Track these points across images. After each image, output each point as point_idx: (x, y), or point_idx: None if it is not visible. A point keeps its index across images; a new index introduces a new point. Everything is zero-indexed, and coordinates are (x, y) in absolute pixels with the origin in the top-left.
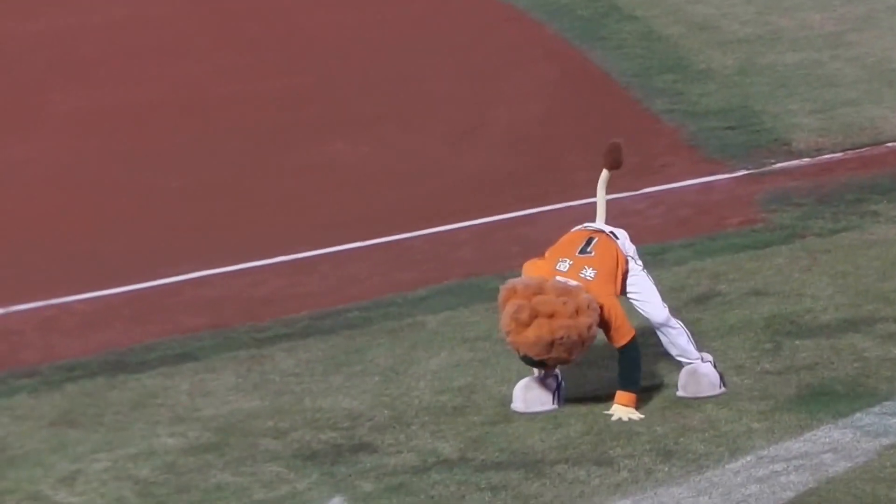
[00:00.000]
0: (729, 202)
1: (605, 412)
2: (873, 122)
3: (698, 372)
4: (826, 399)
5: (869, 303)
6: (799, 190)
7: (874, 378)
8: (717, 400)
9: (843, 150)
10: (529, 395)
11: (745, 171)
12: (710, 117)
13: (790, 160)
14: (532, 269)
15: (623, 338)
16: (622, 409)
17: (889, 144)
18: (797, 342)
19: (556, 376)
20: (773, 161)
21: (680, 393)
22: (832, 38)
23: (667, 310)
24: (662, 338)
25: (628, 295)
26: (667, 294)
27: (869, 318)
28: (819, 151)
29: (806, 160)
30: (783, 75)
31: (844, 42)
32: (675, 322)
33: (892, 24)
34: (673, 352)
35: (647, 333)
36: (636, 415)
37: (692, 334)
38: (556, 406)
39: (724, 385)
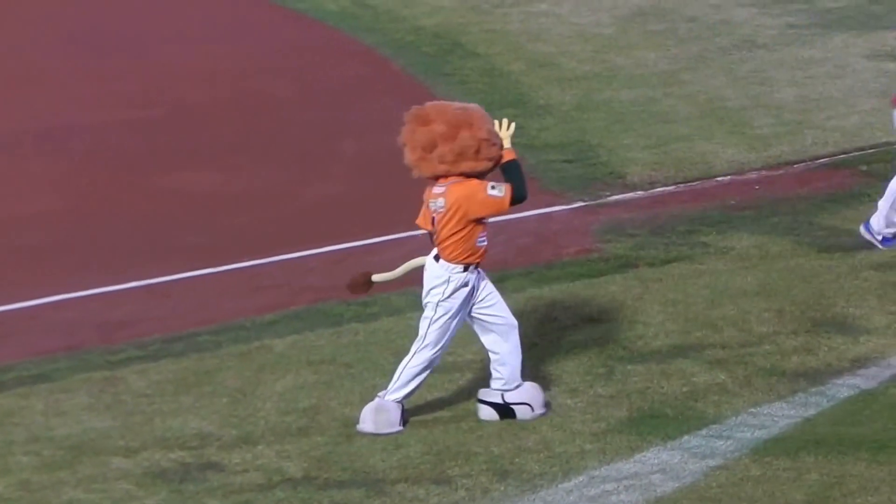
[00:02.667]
0: (566, 232)
1: None
2: (704, 156)
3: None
4: (656, 422)
5: (698, 330)
6: (633, 221)
7: (702, 402)
8: (551, 422)
9: (675, 184)
10: (379, 418)
11: (582, 203)
12: (548, 151)
13: (625, 192)
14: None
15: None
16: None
17: (719, 179)
18: (629, 367)
19: (402, 403)
20: (608, 193)
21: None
22: (666, 77)
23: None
24: (498, 351)
25: (477, 310)
26: None
27: (697, 345)
28: (652, 184)
29: (640, 193)
30: (619, 111)
31: (678, 80)
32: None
33: (723, 63)
34: (501, 373)
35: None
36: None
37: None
38: (402, 428)
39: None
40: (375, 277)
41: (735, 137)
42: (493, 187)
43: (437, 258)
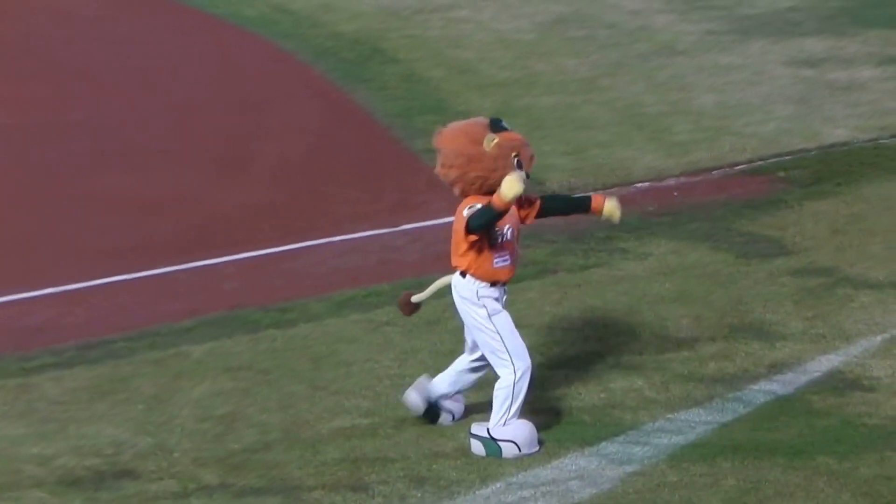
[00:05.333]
0: None
1: None
2: (623, 163)
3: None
4: (573, 428)
5: (616, 336)
6: (552, 227)
7: (619, 408)
8: (469, 428)
9: (593, 190)
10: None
11: None
12: None
13: None
14: None
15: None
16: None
17: (638, 185)
18: (547, 373)
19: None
20: None
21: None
22: (586, 83)
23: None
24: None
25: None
26: (423, 327)
27: (616, 351)
28: (571, 191)
29: None
30: (538, 118)
31: (597, 87)
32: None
33: (642, 70)
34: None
35: None
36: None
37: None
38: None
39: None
40: (414, 299)
41: (654, 144)
42: (469, 208)
43: (462, 273)
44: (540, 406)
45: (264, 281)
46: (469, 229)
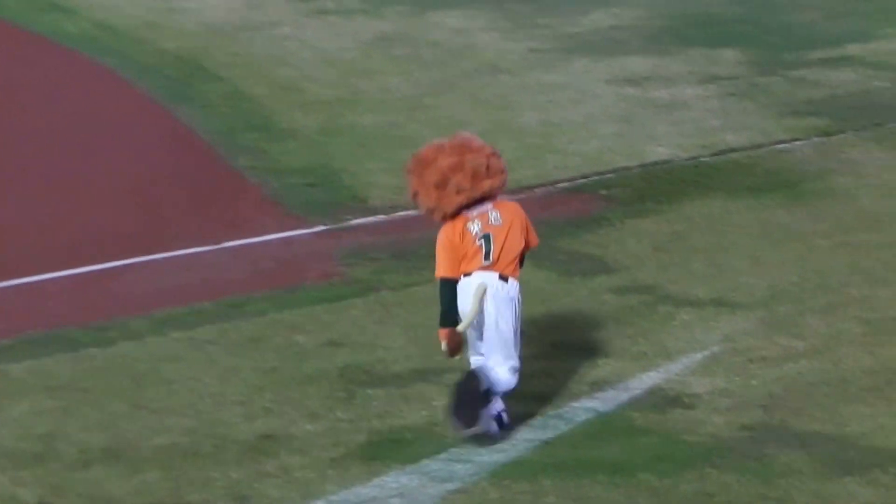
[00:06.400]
0: (309, 256)
1: None
2: None
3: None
4: (395, 446)
5: (438, 353)
6: (375, 245)
7: (442, 426)
8: (291, 447)
9: (416, 208)
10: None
11: (325, 227)
12: (292, 175)
13: (367, 217)
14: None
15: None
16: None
17: None
18: (369, 391)
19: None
20: (350, 217)
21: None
22: (410, 101)
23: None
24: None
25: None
26: (246, 345)
27: (438, 369)
28: (395, 209)
29: (382, 217)
30: (362, 136)
31: (422, 105)
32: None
33: (466, 88)
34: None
35: None
36: (443, 345)
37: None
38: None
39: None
40: (461, 328)
41: None
42: None
43: (505, 278)
44: (362, 423)
45: (86, 299)
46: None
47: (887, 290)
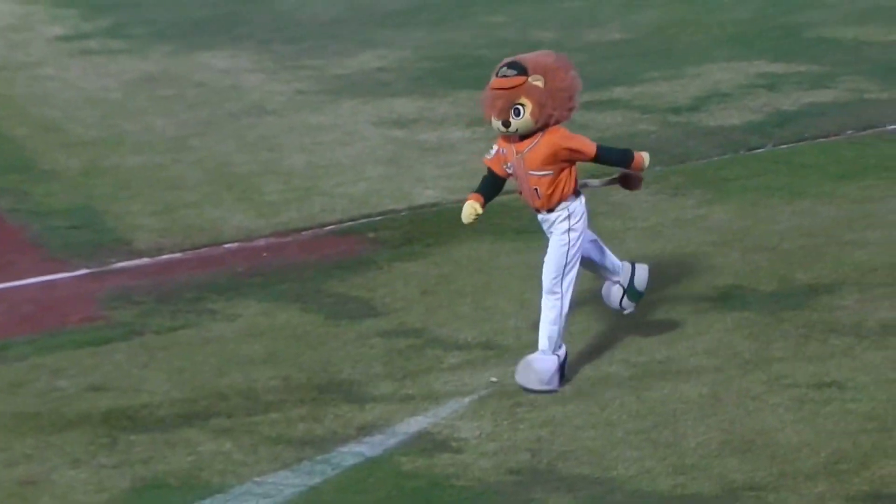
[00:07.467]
0: (71, 300)
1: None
2: (213, 223)
3: (532, 365)
4: (159, 492)
5: (204, 398)
6: (139, 288)
7: (207, 471)
8: (54, 493)
9: (182, 251)
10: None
11: (88, 270)
12: (54, 217)
13: (132, 259)
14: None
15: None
16: None
17: (227, 245)
18: (133, 437)
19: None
20: (114, 260)
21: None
22: (175, 142)
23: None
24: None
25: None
26: (6, 389)
27: (204, 413)
28: (160, 251)
29: (147, 260)
30: (126, 177)
31: (187, 146)
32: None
33: (232, 129)
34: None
35: None
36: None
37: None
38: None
39: (559, 386)
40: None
41: (244, 204)
42: None
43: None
44: (126, 469)
45: None
46: None
47: (652, 334)
